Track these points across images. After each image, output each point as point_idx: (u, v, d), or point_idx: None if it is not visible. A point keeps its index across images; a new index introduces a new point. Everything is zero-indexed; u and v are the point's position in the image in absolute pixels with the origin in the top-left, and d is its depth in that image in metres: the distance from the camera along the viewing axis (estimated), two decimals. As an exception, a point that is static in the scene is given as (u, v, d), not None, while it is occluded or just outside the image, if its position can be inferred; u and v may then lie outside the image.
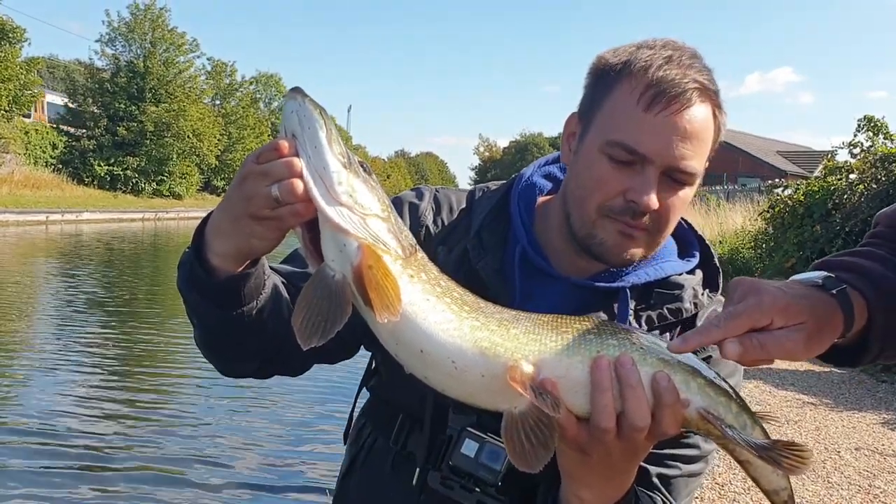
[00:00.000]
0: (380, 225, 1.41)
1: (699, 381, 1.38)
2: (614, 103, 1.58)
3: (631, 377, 1.32)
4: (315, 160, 1.40)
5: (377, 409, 1.91)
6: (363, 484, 1.89)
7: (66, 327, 11.53)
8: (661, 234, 1.62)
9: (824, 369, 8.92)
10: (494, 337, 1.40)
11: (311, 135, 1.41)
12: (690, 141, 1.54)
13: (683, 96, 1.53)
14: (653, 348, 1.39)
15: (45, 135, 49.38)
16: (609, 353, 1.38)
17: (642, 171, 1.54)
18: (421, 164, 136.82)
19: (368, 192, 1.42)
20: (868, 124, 14.49)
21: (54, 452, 6.15)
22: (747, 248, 15.68)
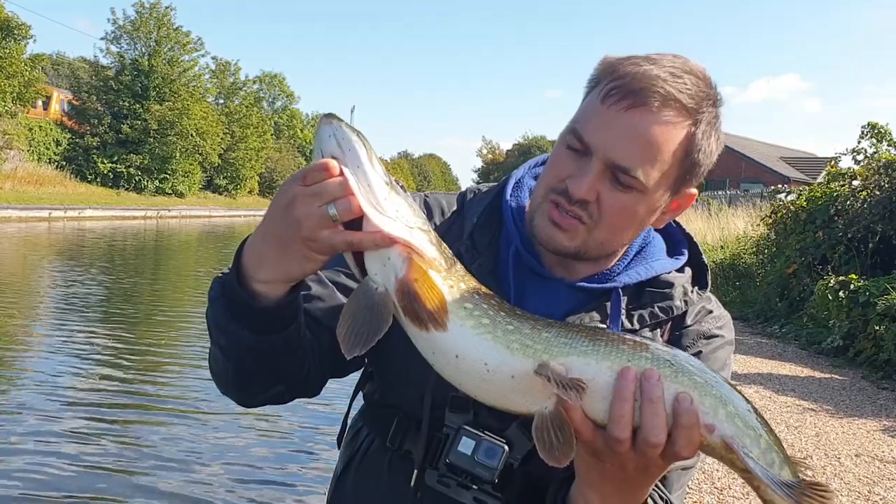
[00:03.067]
0: (423, 237, 1.45)
1: (729, 409, 1.37)
2: (588, 98, 1.60)
3: (654, 391, 1.32)
4: (361, 179, 1.42)
5: (373, 412, 1.91)
6: (359, 484, 1.89)
7: (66, 323, 11.54)
8: (599, 231, 1.59)
9: (825, 375, 8.91)
10: (526, 339, 1.43)
11: (353, 156, 1.43)
12: (638, 143, 1.52)
13: (642, 96, 1.51)
14: (687, 369, 1.39)
15: (48, 131, 49.44)
16: (639, 364, 1.38)
17: (586, 160, 1.54)
18: (424, 166, 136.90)
19: (409, 207, 1.46)
20: (872, 131, 14.49)
21: (52, 448, 6.14)
22: (749, 253, 15.66)
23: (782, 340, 11.30)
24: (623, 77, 1.53)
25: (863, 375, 8.87)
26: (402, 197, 1.47)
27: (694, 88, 1.54)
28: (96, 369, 8.92)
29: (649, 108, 1.51)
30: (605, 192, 1.54)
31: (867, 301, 9.54)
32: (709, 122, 1.57)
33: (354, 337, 1.40)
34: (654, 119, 1.51)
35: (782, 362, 9.60)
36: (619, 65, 1.57)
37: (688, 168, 1.58)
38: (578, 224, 1.57)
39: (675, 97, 1.52)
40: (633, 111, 1.51)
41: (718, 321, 1.77)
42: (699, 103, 1.54)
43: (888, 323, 8.96)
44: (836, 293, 10.00)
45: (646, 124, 1.51)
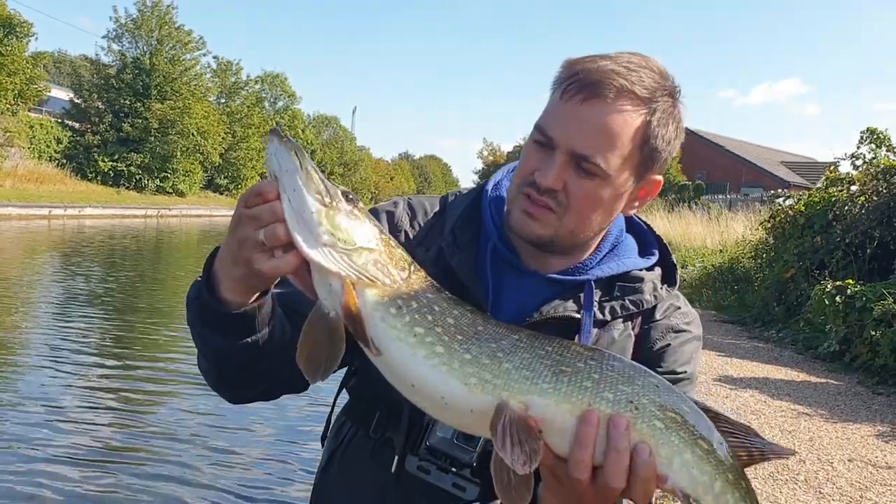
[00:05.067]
0: (365, 258, 1.45)
1: (685, 458, 1.40)
2: (551, 97, 1.71)
3: (620, 442, 1.37)
4: (295, 203, 1.43)
5: (357, 406, 1.97)
6: (343, 473, 1.93)
7: (66, 321, 11.56)
8: (569, 219, 1.68)
9: (821, 380, 8.93)
10: (484, 373, 1.42)
11: (289, 178, 1.45)
12: (595, 133, 1.61)
13: (596, 89, 1.61)
14: (649, 411, 1.40)
15: (49, 129, 49.44)
16: (601, 408, 1.39)
17: (551, 153, 1.64)
18: (424, 167, 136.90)
19: (352, 225, 1.45)
20: (871, 136, 14.46)
21: (52, 445, 6.16)
22: (748, 257, 15.67)
23: (779, 345, 11.31)
24: (580, 73, 1.64)
25: (858, 381, 8.88)
26: (343, 214, 1.45)
27: (648, 80, 1.64)
28: (94, 367, 8.94)
29: (604, 99, 1.61)
30: (570, 181, 1.64)
31: (864, 306, 9.55)
32: (664, 111, 1.66)
33: (315, 363, 1.42)
34: (610, 109, 1.61)
35: (778, 366, 9.61)
36: (578, 63, 1.68)
37: (647, 155, 1.68)
38: (549, 213, 1.67)
39: (629, 89, 1.61)
40: (589, 102, 1.61)
41: (686, 317, 1.86)
42: (653, 94, 1.64)
43: (884, 328, 8.97)
44: (833, 298, 10.01)
45: (601, 114, 1.61)
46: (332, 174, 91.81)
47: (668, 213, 30.29)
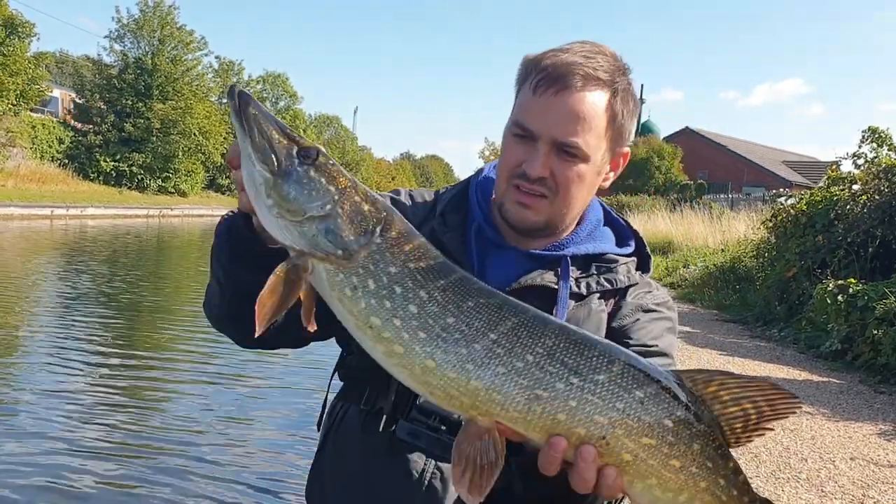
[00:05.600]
0: (316, 228, 1.40)
1: (648, 483, 1.39)
2: (522, 92, 1.86)
3: (586, 472, 1.40)
4: (246, 173, 1.44)
5: (348, 386, 2.05)
6: (336, 450, 1.99)
7: (68, 321, 11.55)
8: (560, 201, 1.85)
9: (823, 378, 8.92)
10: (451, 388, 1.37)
11: (242, 146, 1.45)
12: (572, 120, 1.78)
13: (565, 80, 1.77)
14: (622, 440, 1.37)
15: (51, 129, 49.47)
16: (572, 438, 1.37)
17: (534, 145, 1.80)
18: (426, 167, 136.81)
19: (302, 192, 1.40)
20: (872, 136, 14.45)
21: (52, 446, 6.16)
22: (749, 256, 15.66)
23: (781, 344, 11.30)
24: (546, 69, 1.80)
25: (860, 379, 8.87)
26: (293, 181, 1.40)
27: (606, 64, 1.82)
28: (97, 367, 8.94)
29: (573, 88, 1.77)
30: (556, 167, 1.80)
31: (866, 305, 9.54)
32: (624, 89, 1.84)
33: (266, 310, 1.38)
34: (580, 96, 1.78)
35: (780, 366, 9.61)
36: (541, 59, 1.84)
37: (617, 130, 1.86)
38: (541, 199, 1.83)
39: (592, 75, 1.78)
40: (561, 94, 1.78)
41: (656, 298, 2.02)
42: (612, 75, 1.82)
43: (886, 327, 8.97)
44: (835, 297, 10.00)
45: (574, 102, 1.78)
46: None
47: (670, 212, 30.27)
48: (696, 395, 1.40)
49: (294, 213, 1.39)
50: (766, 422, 1.42)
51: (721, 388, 1.41)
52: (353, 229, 1.40)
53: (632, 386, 1.37)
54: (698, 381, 1.41)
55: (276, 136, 1.43)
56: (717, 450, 1.40)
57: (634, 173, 51.55)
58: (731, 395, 1.41)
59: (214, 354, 9.79)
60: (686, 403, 1.39)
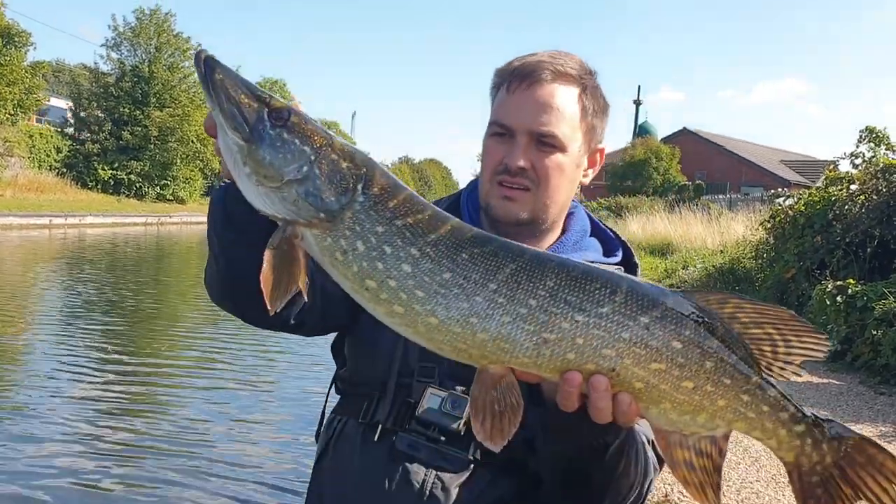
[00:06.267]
0: (296, 191, 1.36)
1: (663, 407, 1.38)
2: (495, 98, 1.96)
3: (600, 401, 1.39)
4: (221, 143, 1.41)
5: (346, 399, 2.07)
6: (335, 463, 1.99)
7: (72, 330, 11.57)
8: (542, 192, 1.91)
9: (823, 380, 8.91)
10: (458, 342, 1.36)
11: (214, 115, 1.41)
12: (545, 111, 1.86)
13: (534, 75, 1.87)
14: (631, 370, 1.35)
15: (49, 139, 49.47)
16: (583, 372, 1.36)
17: (513, 140, 1.89)
18: (425, 171, 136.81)
19: (277, 155, 1.36)
20: (870, 135, 14.48)
21: (52, 454, 6.15)
22: (748, 257, 15.66)
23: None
24: (517, 69, 1.91)
25: (860, 381, 8.86)
26: (266, 144, 1.36)
27: (572, 63, 1.92)
28: (97, 376, 8.94)
29: (544, 81, 1.87)
30: (535, 158, 1.88)
31: (865, 306, 9.53)
32: (592, 87, 1.94)
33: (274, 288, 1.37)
34: (551, 88, 1.88)
35: (780, 367, 9.59)
36: (510, 63, 1.95)
37: (589, 124, 1.94)
38: (524, 192, 1.90)
39: (562, 70, 1.89)
40: (533, 87, 1.87)
41: None
42: (580, 73, 1.92)
43: (885, 328, 8.96)
44: (834, 298, 10.00)
45: (546, 94, 1.87)
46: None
47: (669, 213, 30.27)
48: (708, 312, 1.36)
49: (272, 179, 1.36)
50: (797, 354, 1.37)
51: (738, 310, 1.38)
52: (334, 189, 1.36)
53: (636, 313, 1.34)
54: (711, 300, 1.38)
55: (245, 99, 1.38)
56: (736, 366, 1.36)
57: (632, 174, 51.64)
58: (749, 318, 1.37)
59: (219, 358, 9.82)
60: (695, 322, 1.35)
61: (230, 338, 11.06)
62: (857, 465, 1.39)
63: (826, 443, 1.40)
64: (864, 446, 1.40)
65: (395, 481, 1.84)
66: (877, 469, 1.38)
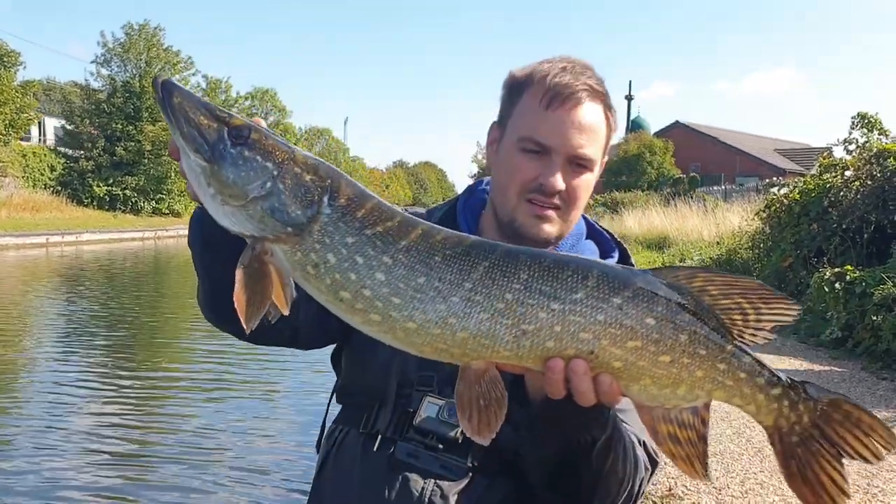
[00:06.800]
0: (261, 208, 1.36)
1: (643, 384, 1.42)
2: (523, 107, 1.90)
3: (581, 384, 1.42)
4: (185, 165, 1.41)
5: (347, 409, 2.08)
6: (336, 473, 2.00)
7: (67, 349, 11.56)
8: (571, 211, 1.92)
9: (825, 368, 8.91)
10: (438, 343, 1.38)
11: (175, 138, 1.41)
12: (585, 132, 1.85)
13: (575, 96, 1.84)
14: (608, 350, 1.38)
15: (42, 157, 49.44)
16: (563, 357, 1.39)
17: (549, 159, 1.85)
18: (420, 174, 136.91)
19: (240, 173, 1.36)
20: (862, 121, 14.49)
21: (53, 474, 6.14)
22: (745, 248, 15.66)
23: (781, 334, 11.27)
24: (553, 85, 1.84)
25: (862, 367, 8.86)
26: (228, 163, 1.36)
27: (595, 77, 1.90)
28: (101, 391, 8.98)
29: (582, 103, 1.85)
30: (569, 179, 1.87)
31: (864, 292, 9.54)
32: (610, 98, 1.95)
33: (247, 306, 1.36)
34: (589, 109, 1.86)
35: (782, 356, 9.59)
36: (544, 75, 1.88)
37: (608, 140, 1.96)
38: (556, 211, 1.89)
39: (592, 88, 1.87)
40: (575, 108, 1.84)
41: None
42: (602, 87, 1.91)
43: (885, 313, 8.95)
44: (833, 285, 10.00)
45: (585, 115, 1.85)
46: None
47: (665, 207, 30.29)
48: (678, 288, 1.40)
49: (236, 197, 1.36)
50: (767, 321, 1.41)
51: (707, 283, 1.41)
52: (299, 203, 1.36)
53: (609, 294, 1.38)
54: (680, 276, 1.42)
55: (204, 120, 1.39)
56: (709, 336, 1.40)
57: (627, 170, 51.70)
58: (719, 290, 1.41)
59: (221, 368, 9.86)
60: (665, 298, 1.39)
61: (230, 347, 11.05)
62: (835, 422, 1.43)
63: (802, 403, 1.43)
64: (840, 403, 1.43)
65: (395, 490, 1.85)
66: (854, 424, 1.42)
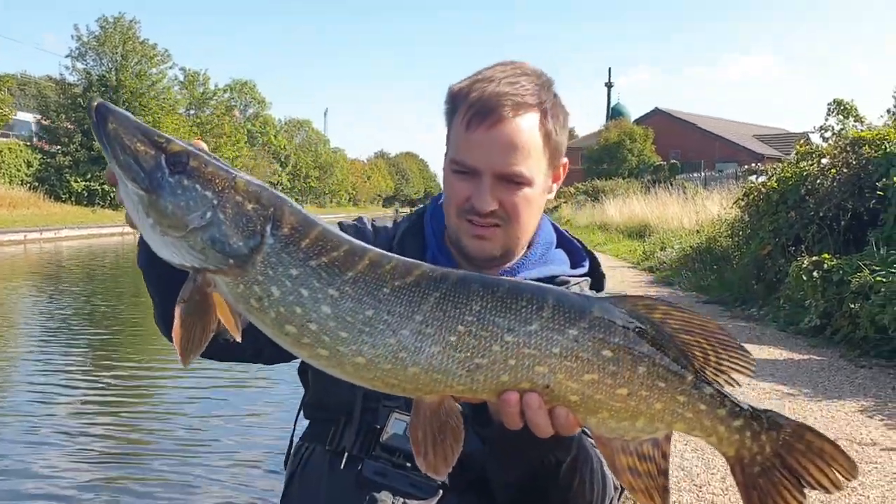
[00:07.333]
0: (201, 239, 1.31)
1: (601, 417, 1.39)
2: (454, 127, 1.90)
3: (537, 417, 1.40)
4: (123, 194, 1.38)
5: (312, 425, 2.07)
6: (302, 491, 1.98)
7: (48, 347, 11.45)
8: (513, 227, 1.89)
9: (804, 356, 8.97)
10: (389, 378, 1.34)
11: (111, 167, 1.38)
12: (510, 150, 1.81)
13: (495, 114, 1.80)
14: (564, 384, 1.35)
15: (18, 153, 48.87)
16: (518, 390, 1.36)
17: (478, 180, 1.84)
18: (401, 165, 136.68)
19: (179, 204, 1.32)
20: (838, 108, 14.56)
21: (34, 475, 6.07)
22: (724, 236, 15.72)
23: (761, 323, 11.35)
24: (475, 103, 1.82)
25: (840, 354, 8.92)
26: (166, 193, 1.32)
27: (531, 86, 1.85)
28: (81, 392, 8.90)
29: (505, 119, 1.80)
30: (503, 196, 1.84)
31: (841, 280, 9.60)
32: (552, 105, 1.88)
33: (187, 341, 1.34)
34: (513, 125, 1.81)
35: (761, 346, 9.64)
36: (467, 92, 1.86)
37: (553, 147, 1.90)
38: (496, 229, 1.88)
39: (520, 100, 1.82)
40: (495, 127, 1.80)
41: None
42: (539, 95, 1.85)
43: (862, 301, 9.02)
44: (811, 273, 10.06)
45: (508, 132, 1.80)
46: (307, 177, 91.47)
47: (645, 195, 30.40)
48: (637, 317, 1.37)
49: (176, 228, 1.32)
50: (725, 367, 1.39)
51: (667, 316, 1.38)
52: (241, 233, 1.31)
53: (564, 326, 1.34)
54: (640, 305, 1.38)
55: (141, 147, 1.34)
56: (669, 367, 1.37)
57: (608, 157, 51.87)
58: (679, 324, 1.38)
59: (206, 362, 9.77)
60: (623, 328, 1.35)
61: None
62: (797, 451, 1.42)
63: (765, 433, 1.42)
64: (802, 432, 1.43)
65: None
66: (816, 454, 1.41)
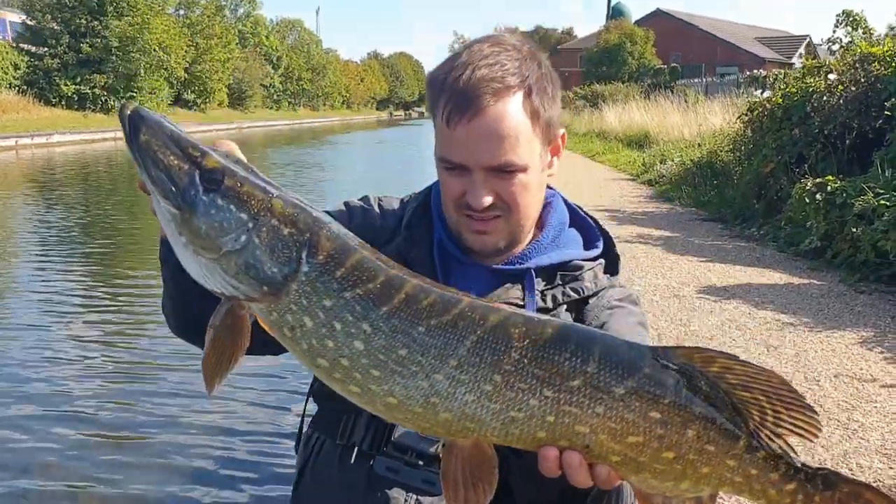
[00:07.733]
0: (236, 264, 1.25)
1: (642, 476, 1.33)
2: (436, 122, 1.82)
3: (577, 476, 1.33)
4: (157, 212, 1.33)
5: (322, 412, 2.02)
6: (314, 484, 1.96)
7: (45, 260, 11.40)
8: (515, 215, 1.83)
9: (803, 281, 8.97)
10: (421, 422, 1.31)
11: (152, 189, 1.31)
12: (495, 141, 1.72)
13: (474, 105, 1.70)
14: (606, 444, 1.30)
15: (4, 55, 47.80)
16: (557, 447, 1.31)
17: (469, 175, 1.77)
18: (395, 66, 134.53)
19: (213, 224, 1.25)
20: (847, 19, 14.21)
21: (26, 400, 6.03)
22: (726, 150, 15.54)
23: (760, 243, 11.32)
24: (453, 94, 1.71)
25: (840, 279, 8.91)
26: (200, 213, 1.25)
27: (511, 63, 1.73)
28: (83, 306, 8.93)
29: (486, 109, 1.70)
30: (500, 187, 1.77)
31: (844, 202, 9.53)
32: (538, 79, 1.77)
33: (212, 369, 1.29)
34: (495, 113, 1.71)
35: (761, 269, 9.64)
36: (444, 81, 1.76)
37: (545, 123, 1.80)
38: (497, 220, 1.82)
39: (500, 85, 1.70)
40: (476, 119, 1.71)
41: (618, 295, 1.98)
42: (521, 72, 1.75)
43: (864, 225, 8.97)
44: (814, 196, 9.99)
45: (491, 122, 1.71)
46: (300, 80, 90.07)
47: (645, 101, 29.97)
48: (690, 373, 1.28)
49: (209, 250, 1.26)
50: (785, 429, 1.30)
51: (725, 371, 1.28)
52: (275, 259, 1.25)
53: (610, 384, 1.26)
54: (696, 357, 1.29)
55: (174, 161, 1.26)
56: (721, 430, 1.29)
57: (608, 60, 50.97)
58: (738, 380, 1.28)
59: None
60: (674, 387, 1.27)
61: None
62: None
63: (819, 494, 1.33)
64: (860, 492, 1.34)
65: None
66: None
